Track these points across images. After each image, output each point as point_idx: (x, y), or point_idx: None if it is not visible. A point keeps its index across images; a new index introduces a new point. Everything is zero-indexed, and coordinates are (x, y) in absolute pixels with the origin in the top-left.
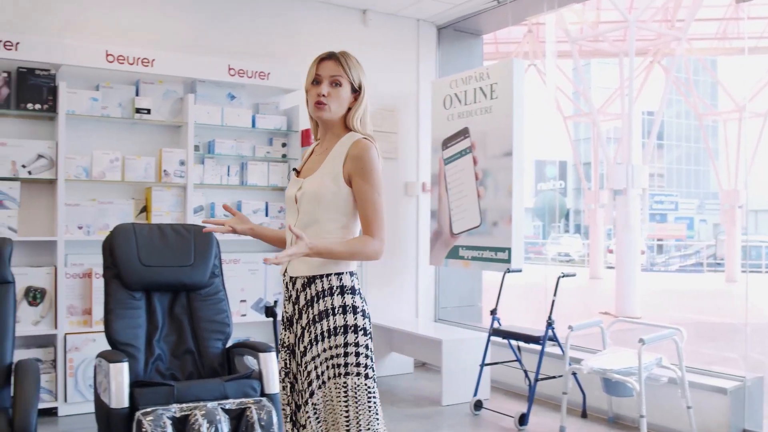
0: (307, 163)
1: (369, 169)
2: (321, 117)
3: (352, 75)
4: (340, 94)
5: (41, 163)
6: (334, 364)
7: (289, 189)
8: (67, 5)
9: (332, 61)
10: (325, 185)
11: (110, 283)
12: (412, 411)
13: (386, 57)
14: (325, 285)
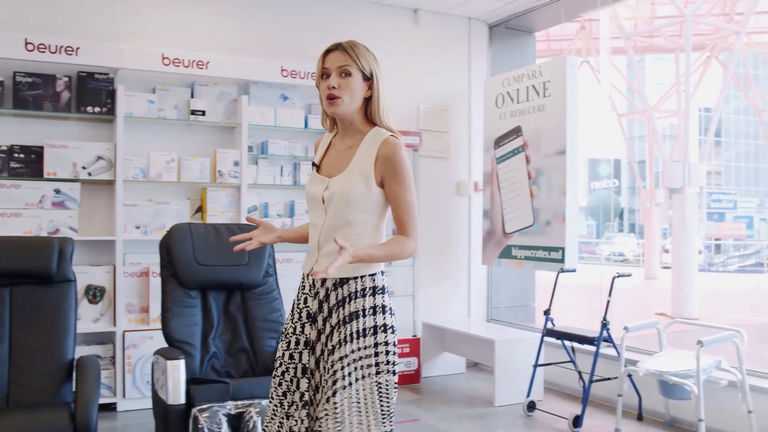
0: (327, 158)
1: (401, 169)
2: (336, 112)
3: (361, 63)
4: (351, 85)
5: (100, 164)
6: (365, 364)
7: (313, 186)
8: (125, 11)
9: (338, 51)
10: (356, 187)
11: (167, 282)
12: (464, 411)
13: (438, 56)
14: (359, 286)
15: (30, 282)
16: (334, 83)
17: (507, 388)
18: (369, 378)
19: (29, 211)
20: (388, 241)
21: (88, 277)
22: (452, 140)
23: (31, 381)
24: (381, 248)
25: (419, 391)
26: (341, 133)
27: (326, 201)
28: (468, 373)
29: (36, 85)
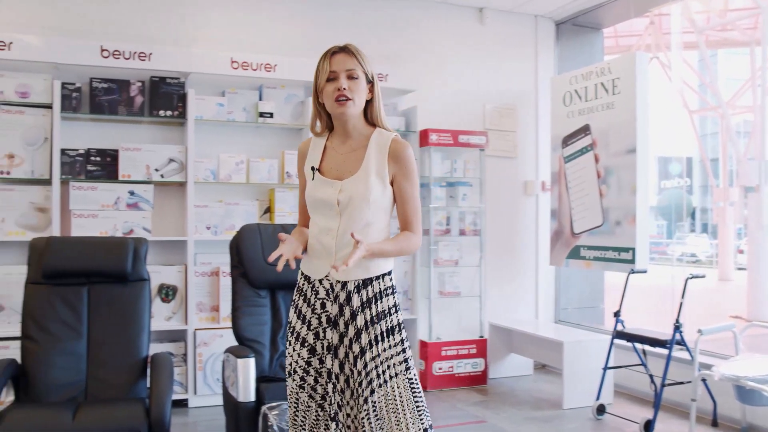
0: (328, 161)
1: (411, 168)
2: (345, 113)
3: (365, 66)
4: (359, 87)
5: (172, 166)
6: (396, 362)
7: (321, 191)
8: (195, 16)
9: (344, 53)
10: (375, 188)
11: (237, 282)
12: (532, 414)
13: (504, 55)
14: (381, 286)
15: (107, 281)
16: (344, 85)
17: (576, 390)
18: (401, 375)
19: (105, 212)
20: (397, 237)
21: (160, 276)
22: (519, 139)
23: (107, 376)
24: (391, 243)
25: (486, 393)
26: (339, 136)
27: (341, 204)
28: (535, 375)
29: (111, 90)
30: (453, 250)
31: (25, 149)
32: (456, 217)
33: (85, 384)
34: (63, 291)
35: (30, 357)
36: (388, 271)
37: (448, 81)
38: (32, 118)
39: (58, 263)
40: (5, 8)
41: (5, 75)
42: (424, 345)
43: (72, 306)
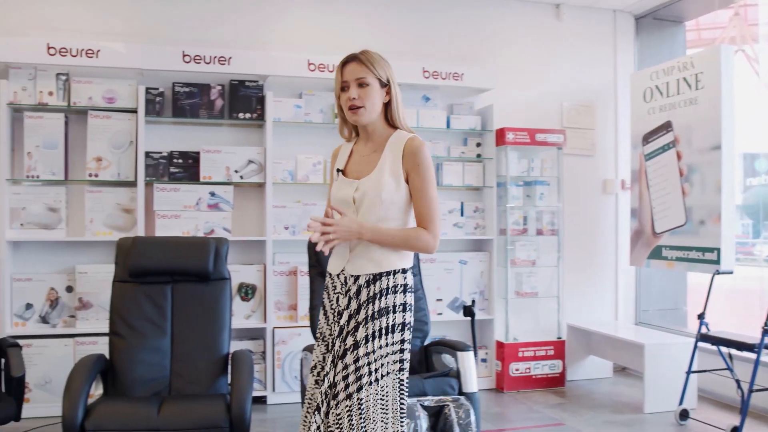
0: (351, 163)
1: (425, 165)
2: (358, 121)
3: (377, 71)
4: (370, 94)
5: (251, 168)
6: (391, 360)
7: (342, 190)
8: (272, 20)
9: (354, 62)
10: (386, 184)
11: (314, 281)
12: (611, 417)
13: (581, 51)
14: (391, 282)
15: (189, 279)
16: (354, 94)
17: (657, 394)
18: (393, 374)
19: (187, 213)
20: (405, 229)
21: (240, 275)
22: (598, 137)
23: (190, 372)
24: (396, 231)
25: (564, 395)
26: (363, 140)
27: (357, 201)
28: (615, 378)
29: (192, 94)
30: (530, 250)
31: (112, 153)
32: (533, 216)
33: (169, 380)
34: (148, 289)
35: (117, 353)
36: (401, 268)
37: (524, 79)
38: (119, 123)
39: (143, 262)
40: (93, 18)
41: (93, 82)
42: (501, 346)
43: (157, 304)
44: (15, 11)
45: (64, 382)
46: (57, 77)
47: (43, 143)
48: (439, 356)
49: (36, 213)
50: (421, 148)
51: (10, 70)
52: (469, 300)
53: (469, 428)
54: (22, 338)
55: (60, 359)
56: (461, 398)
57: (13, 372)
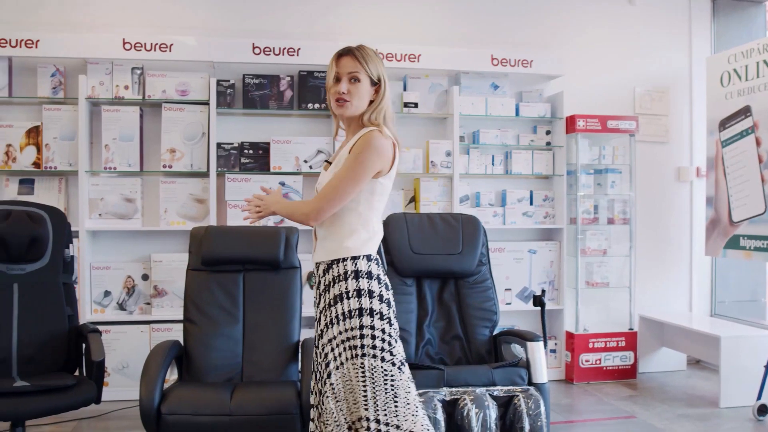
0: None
1: (358, 154)
2: (343, 114)
3: (369, 69)
4: (359, 90)
5: (320, 157)
6: (350, 345)
7: (320, 179)
8: (340, 10)
9: (349, 56)
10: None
11: None
12: (685, 411)
13: (655, 35)
14: (341, 270)
15: (260, 268)
16: (343, 89)
17: (734, 388)
18: (353, 360)
19: None
20: (296, 201)
21: (309, 264)
22: (672, 123)
23: (262, 359)
24: (290, 203)
25: (636, 387)
26: (346, 132)
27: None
28: (689, 371)
29: (262, 85)
30: (601, 240)
31: (185, 144)
32: (604, 205)
33: (241, 366)
34: (221, 277)
35: (191, 339)
36: (353, 255)
37: (595, 64)
38: (191, 115)
39: (216, 251)
40: (166, 13)
41: (167, 75)
42: (571, 336)
43: (229, 292)
44: (93, 8)
45: (140, 366)
46: (132, 71)
47: (119, 136)
48: (508, 346)
49: (113, 203)
50: (369, 140)
51: (88, 65)
52: (539, 290)
53: (538, 419)
54: (100, 324)
55: (137, 345)
56: (531, 389)
57: (93, 356)
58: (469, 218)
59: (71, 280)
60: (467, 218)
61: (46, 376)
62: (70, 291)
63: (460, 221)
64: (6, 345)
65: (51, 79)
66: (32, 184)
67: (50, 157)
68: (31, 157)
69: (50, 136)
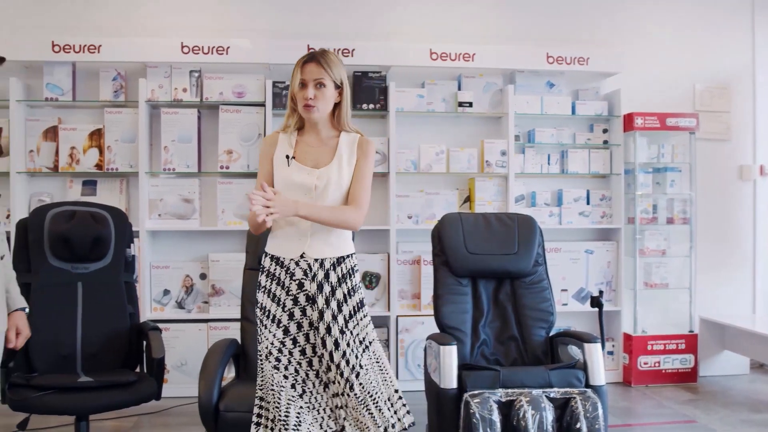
0: (300, 153)
1: (372, 158)
2: (311, 118)
3: (333, 74)
4: (325, 95)
5: (375, 158)
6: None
7: (300, 176)
8: (394, 10)
9: (313, 63)
10: (346, 174)
11: (439, 270)
12: (749, 416)
13: (716, 29)
14: (349, 264)
15: None
16: (311, 94)
17: None
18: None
19: None
20: (335, 207)
21: (365, 264)
22: (733, 120)
23: None
24: (329, 209)
25: (696, 391)
26: (310, 133)
27: (318, 188)
28: (752, 375)
29: None
30: (660, 240)
31: (242, 145)
32: (663, 204)
33: None
34: None
35: (248, 337)
36: (353, 252)
37: (653, 61)
38: (247, 116)
39: None
40: (222, 16)
41: (224, 77)
42: (629, 338)
43: None
44: (151, 13)
45: (198, 364)
46: (190, 74)
47: (178, 137)
48: (564, 347)
49: (172, 204)
50: (372, 144)
51: (148, 69)
52: (595, 290)
53: (596, 422)
54: (160, 322)
55: (195, 343)
56: (588, 391)
57: (154, 354)
58: (525, 218)
59: (132, 279)
60: (523, 218)
61: (108, 373)
62: (132, 289)
63: (516, 221)
64: (71, 342)
65: (112, 83)
66: (95, 185)
67: (112, 159)
68: (93, 159)
69: (112, 138)
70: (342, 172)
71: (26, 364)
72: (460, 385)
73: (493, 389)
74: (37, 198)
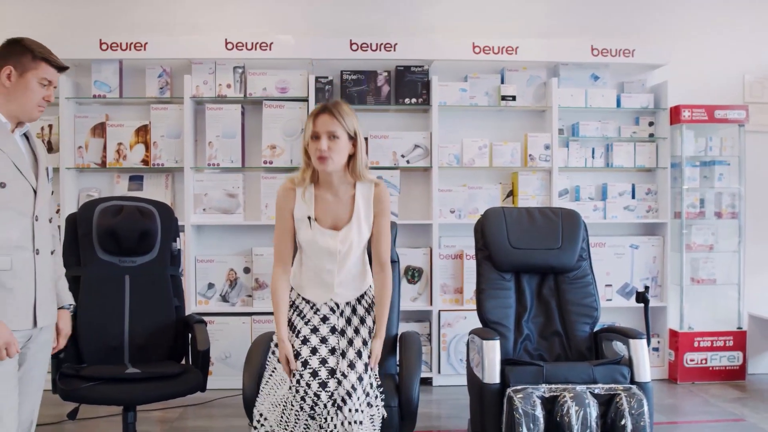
0: (320, 210)
1: (388, 207)
2: (325, 170)
3: (346, 125)
4: (339, 146)
5: (418, 152)
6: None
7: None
8: (438, 5)
9: (326, 114)
10: (365, 233)
11: (482, 264)
12: None
13: (765, 20)
14: (369, 298)
15: None
16: (324, 146)
17: None
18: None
19: None
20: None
21: (407, 258)
22: None
23: None
24: (381, 313)
25: (744, 389)
26: (324, 185)
27: (342, 252)
28: None
29: (360, 81)
30: (707, 234)
31: (285, 140)
32: (711, 198)
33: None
34: None
35: None
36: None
37: (701, 52)
38: (290, 111)
39: None
40: (265, 13)
41: (267, 73)
42: (675, 335)
43: None
44: (196, 10)
45: (242, 357)
46: (234, 70)
47: (222, 133)
48: (609, 343)
49: (217, 198)
50: (386, 191)
51: (193, 65)
52: (640, 286)
53: (641, 419)
54: (205, 315)
55: (238, 336)
56: (633, 387)
57: (199, 346)
58: (569, 212)
59: (178, 272)
60: (567, 212)
61: (155, 364)
62: (177, 283)
63: (560, 215)
64: (119, 333)
65: (158, 79)
66: (141, 180)
67: (158, 155)
68: (140, 154)
69: (158, 134)
70: (361, 230)
71: (76, 355)
72: (503, 380)
73: (536, 384)
74: (86, 193)
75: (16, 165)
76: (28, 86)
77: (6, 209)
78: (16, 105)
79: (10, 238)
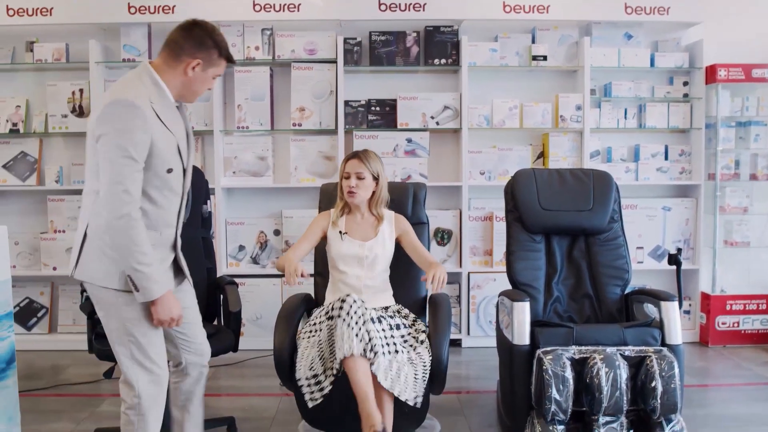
0: (350, 228)
1: (411, 227)
2: (353, 202)
3: (371, 168)
4: (364, 184)
5: (447, 113)
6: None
7: (351, 249)
8: None
9: (356, 159)
10: (390, 247)
11: (512, 226)
12: None
13: None
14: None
15: None
16: (353, 184)
17: None
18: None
19: (385, 159)
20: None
21: (436, 220)
22: None
23: None
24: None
25: None
26: (354, 213)
27: (368, 258)
28: None
29: (388, 42)
30: (742, 197)
31: (314, 102)
32: (746, 160)
33: None
34: None
35: (320, 292)
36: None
37: (738, 9)
38: (319, 73)
39: None
40: None
41: (295, 35)
42: (706, 297)
43: None
44: None
45: (273, 318)
46: (262, 32)
47: (251, 96)
48: (640, 305)
49: (246, 161)
50: (406, 220)
51: (221, 28)
52: (672, 248)
53: (672, 381)
54: (235, 277)
55: (269, 297)
56: (664, 350)
57: (231, 307)
58: (601, 174)
59: (209, 234)
60: (598, 174)
61: None
62: (209, 245)
63: (591, 177)
64: None
65: None
66: None
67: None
68: None
69: None
70: (386, 245)
71: None
72: (532, 341)
73: (566, 346)
74: None
75: (179, 149)
76: (206, 80)
77: (171, 192)
78: (188, 92)
79: (171, 219)
